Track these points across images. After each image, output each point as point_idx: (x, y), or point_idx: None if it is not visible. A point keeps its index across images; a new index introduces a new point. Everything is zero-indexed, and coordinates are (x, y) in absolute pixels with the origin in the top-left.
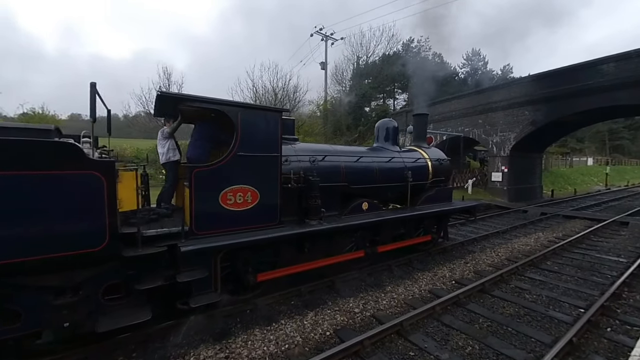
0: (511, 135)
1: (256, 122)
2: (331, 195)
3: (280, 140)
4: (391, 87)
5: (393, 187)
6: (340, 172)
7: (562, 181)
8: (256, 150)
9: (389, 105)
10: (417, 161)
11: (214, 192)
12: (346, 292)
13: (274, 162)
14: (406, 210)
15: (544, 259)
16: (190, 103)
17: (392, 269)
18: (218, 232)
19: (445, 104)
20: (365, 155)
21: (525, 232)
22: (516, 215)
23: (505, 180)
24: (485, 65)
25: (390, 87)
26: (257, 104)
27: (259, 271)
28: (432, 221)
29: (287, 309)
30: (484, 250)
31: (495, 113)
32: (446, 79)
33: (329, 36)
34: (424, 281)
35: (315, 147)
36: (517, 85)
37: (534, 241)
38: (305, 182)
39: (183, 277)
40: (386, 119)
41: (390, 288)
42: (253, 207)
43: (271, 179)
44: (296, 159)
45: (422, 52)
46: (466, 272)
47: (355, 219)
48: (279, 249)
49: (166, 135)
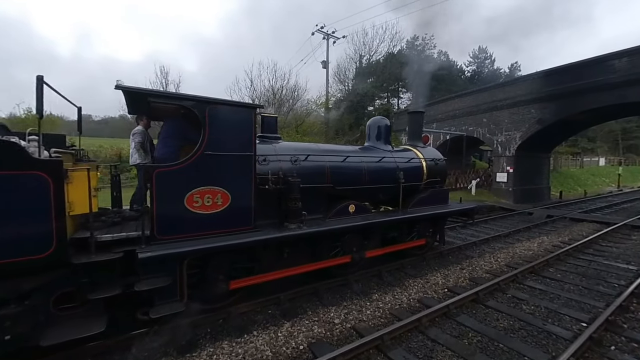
0: (517, 134)
1: (226, 118)
2: (315, 197)
3: (254, 138)
4: (395, 86)
5: (384, 188)
6: (324, 172)
7: (571, 182)
8: (226, 149)
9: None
10: (411, 161)
11: (179, 194)
12: (329, 300)
13: (246, 161)
14: (397, 213)
15: (546, 265)
16: (152, 98)
17: (382, 275)
18: (183, 237)
19: (448, 103)
20: (353, 154)
21: (528, 235)
22: (520, 218)
23: (511, 181)
24: (492, 63)
25: (394, 86)
26: (227, 99)
27: (232, 278)
28: (426, 224)
29: (263, 318)
30: (482, 256)
31: (500, 111)
32: (451, 77)
33: (330, 34)
34: (415, 289)
35: (298, 146)
36: (523, 83)
37: (537, 246)
38: (284, 184)
39: (142, 285)
40: (378, 117)
41: (377, 296)
42: (223, 210)
43: (244, 180)
44: (276, 159)
45: (427, 50)
46: (461, 280)
47: (339, 222)
48: (256, 255)
49: (135, 133)
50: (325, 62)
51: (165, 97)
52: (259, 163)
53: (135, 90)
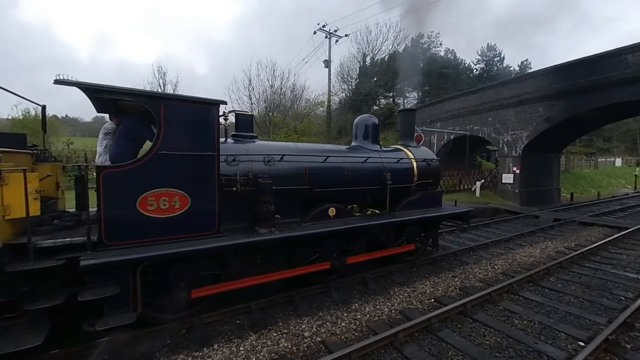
0: (523, 133)
1: (185, 115)
2: (291, 199)
3: (218, 136)
4: (401, 85)
5: (370, 190)
6: (302, 173)
7: (584, 183)
8: (185, 149)
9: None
10: (400, 162)
11: (130, 196)
12: (304, 309)
13: (209, 162)
14: (384, 216)
15: (546, 274)
16: (98, 94)
17: (366, 282)
18: (136, 243)
19: (453, 101)
20: (335, 154)
21: (532, 240)
22: (526, 221)
23: (517, 182)
24: (502, 60)
25: (399, 85)
26: (186, 94)
27: (198, 286)
28: (416, 229)
29: (228, 329)
30: (478, 262)
31: (505, 110)
32: (458, 75)
33: (332, 33)
34: (399, 298)
35: (273, 145)
36: (530, 80)
37: (540, 252)
38: (255, 185)
39: (87, 295)
40: (365, 115)
41: (357, 306)
42: (182, 214)
43: (206, 181)
44: (247, 159)
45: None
46: (451, 289)
47: (317, 227)
48: (224, 261)
49: (106, 132)
50: (328, 62)
51: (113, 92)
52: (228, 163)
53: (77, 85)
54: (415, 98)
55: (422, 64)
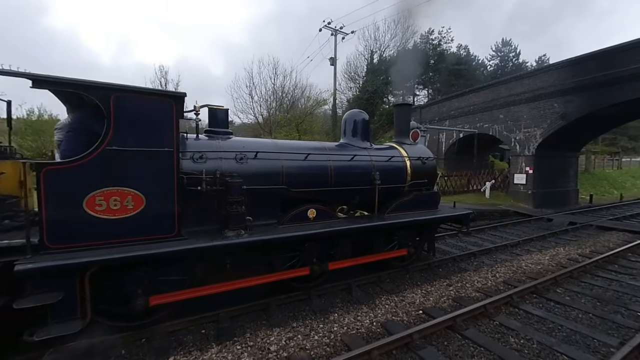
0: (537, 131)
1: (138, 109)
2: (267, 200)
3: (177, 132)
4: (411, 83)
5: (357, 190)
6: (279, 172)
7: (606, 184)
8: (138, 145)
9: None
10: (391, 160)
11: (76, 196)
12: (278, 319)
13: (166, 159)
14: (371, 219)
15: (554, 284)
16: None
17: (351, 289)
18: (83, 246)
19: (462, 98)
20: (317, 152)
21: (542, 246)
22: (537, 225)
23: (530, 183)
24: (517, 56)
25: (409, 83)
26: (141, 86)
27: (158, 292)
28: (409, 232)
29: (191, 339)
30: (479, 269)
31: (518, 106)
32: (470, 72)
33: (338, 30)
34: (384, 308)
35: (248, 142)
36: (545, 74)
37: (549, 259)
38: (223, 185)
39: (24, 302)
40: (355, 111)
41: (336, 316)
42: (136, 215)
43: (163, 180)
44: (216, 157)
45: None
46: (443, 299)
47: (294, 229)
48: (189, 266)
49: (62, 127)
50: (333, 59)
51: (53, 83)
52: (194, 161)
53: (15, 75)
54: (425, 96)
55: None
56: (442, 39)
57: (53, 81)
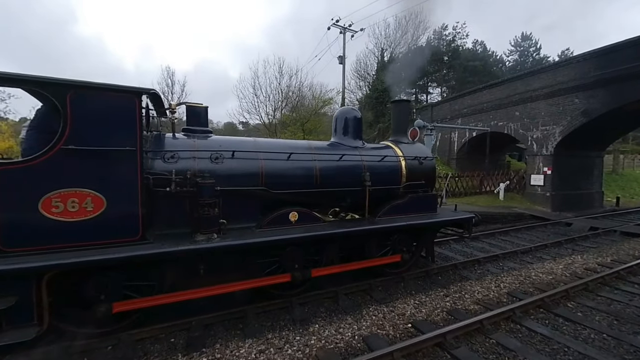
0: (556, 129)
1: (97, 105)
2: (246, 202)
3: (139, 129)
4: (424, 81)
5: (346, 192)
6: (258, 172)
7: (635, 186)
8: (97, 144)
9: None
10: (384, 160)
11: (30, 197)
12: (254, 329)
13: (127, 158)
14: (360, 223)
15: (565, 297)
16: None
17: (338, 298)
18: (39, 250)
19: (475, 95)
20: (301, 152)
21: (556, 253)
22: (554, 230)
23: (548, 184)
24: (538, 51)
25: (422, 81)
26: (99, 82)
27: (124, 297)
28: (404, 237)
29: (158, 349)
30: (482, 278)
31: (535, 103)
32: (487, 69)
33: (347, 28)
34: (371, 320)
35: (226, 140)
36: (565, 68)
37: (564, 268)
38: (194, 186)
39: None
40: (346, 108)
41: (317, 327)
42: (96, 218)
43: (125, 180)
44: (190, 156)
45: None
46: (437, 311)
47: (273, 233)
48: (158, 271)
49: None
50: (342, 58)
51: (7, 80)
52: (165, 160)
53: None
54: (439, 94)
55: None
56: (457, 35)
57: (3, 77)
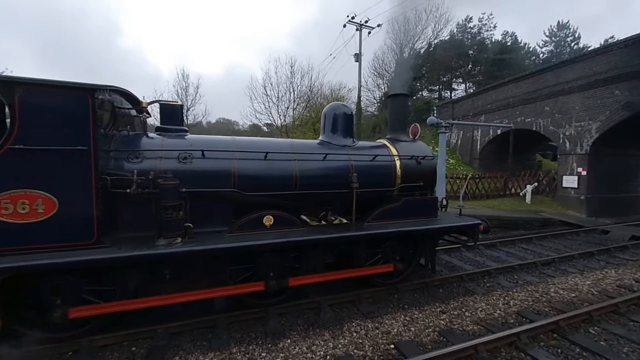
0: (592, 125)
1: (48, 104)
2: (218, 205)
3: (93, 128)
4: (448, 78)
5: (333, 195)
6: (229, 173)
7: None
8: (48, 143)
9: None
10: (375, 160)
11: None
12: (222, 340)
13: (81, 158)
14: (348, 228)
15: (587, 321)
16: None
17: (321, 309)
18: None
19: (499, 90)
20: (280, 151)
21: (585, 265)
22: (587, 238)
23: (584, 186)
24: (577, 40)
25: (447, 77)
26: (49, 78)
27: (84, 302)
28: (397, 245)
29: (118, 357)
30: (490, 292)
31: (568, 96)
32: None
33: (363, 25)
34: (350, 337)
35: (197, 139)
36: (603, 56)
37: (592, 284)
38: (156, 187)
39: None
40: (336, 103)
41: (289, 342)
42: (47, 220)
43: (78, 181)
44: (155, 156)
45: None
46: (428, 330)
47: (242, 239)
48: (118, 276)
49: None
50: (358, 55)
51: None
52: (128, 160)
53: None
54: (463, 91)
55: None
56: (483, 27)
57: None
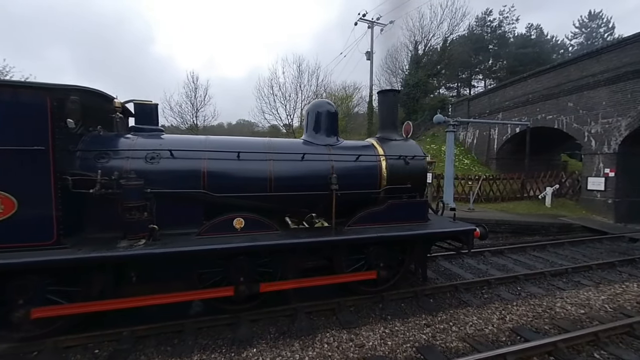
0: (621, 121)
1: (5, 104)
2: (185, 206)
3: (51, 128)
4: (467, 74)
5: (311, 197)
6: (198, 174)
7: None
8: (4, 142)
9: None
10: (359, 160)
11: None
12: (186, 346)
13: (38, 158)
14: (326, 233)
15: (591, 343)
16: None
17: (297, 316)
18: None
19: (517, 86)
20: (253, 150)
21: (603, 277)
22: (612, 246)
23: (611, 188)
24: (611, 31)
25: (465, 74)
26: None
27: (48, 302)
28: (381, 250)
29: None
30: (486, 305)
31: (593, 91)
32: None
33: (375, 22)
34: (320, 349)
35: (168, 139)
36: (634, 45)
37: (607, 299)
38: (119, 187)
39: None
40: (319, 101)
41: (253, 352)
42: (6, 220)
43: (37, 181)
44: (122, 155)
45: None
46: (406, 346)
47: (208, 242)
48: (81, 277)
49: None
50: (370, 53)
51: None
52: (95, 161)
53: None
54: (483, 88)
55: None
56: (504, 20)
57: None
